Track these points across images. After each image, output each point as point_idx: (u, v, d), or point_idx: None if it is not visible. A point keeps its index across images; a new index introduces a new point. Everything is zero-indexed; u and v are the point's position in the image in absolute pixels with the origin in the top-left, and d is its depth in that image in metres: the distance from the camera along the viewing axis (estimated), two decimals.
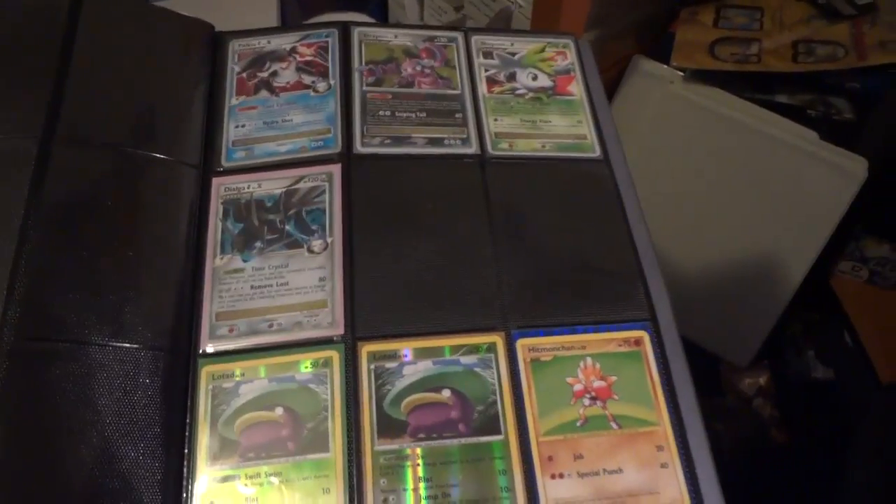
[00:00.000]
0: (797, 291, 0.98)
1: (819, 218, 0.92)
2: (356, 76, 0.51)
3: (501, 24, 0.95)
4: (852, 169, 0.87)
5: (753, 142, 0.92)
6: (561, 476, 0.38)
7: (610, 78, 1.00)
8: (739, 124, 0.92)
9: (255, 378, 0.39)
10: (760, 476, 0.97)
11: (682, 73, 0.96)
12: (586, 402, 0.40)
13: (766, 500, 0.93)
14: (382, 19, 1.15)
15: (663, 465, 0.39)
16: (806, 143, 0.89)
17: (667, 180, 0.99)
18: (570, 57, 0.55)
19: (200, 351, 0.40)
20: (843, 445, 0.84)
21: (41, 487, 0.33)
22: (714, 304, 1.03)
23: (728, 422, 0.99)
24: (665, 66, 0.97)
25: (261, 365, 0.40)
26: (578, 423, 0.39)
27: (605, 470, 0.38)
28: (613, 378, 0.41)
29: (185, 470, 0.37)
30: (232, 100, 0.49)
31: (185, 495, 0.36)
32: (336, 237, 0.44)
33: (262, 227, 0.44)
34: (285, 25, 0.84)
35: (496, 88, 0.52)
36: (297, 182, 0.46)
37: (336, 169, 0.46)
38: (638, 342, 0.42)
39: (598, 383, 0.40)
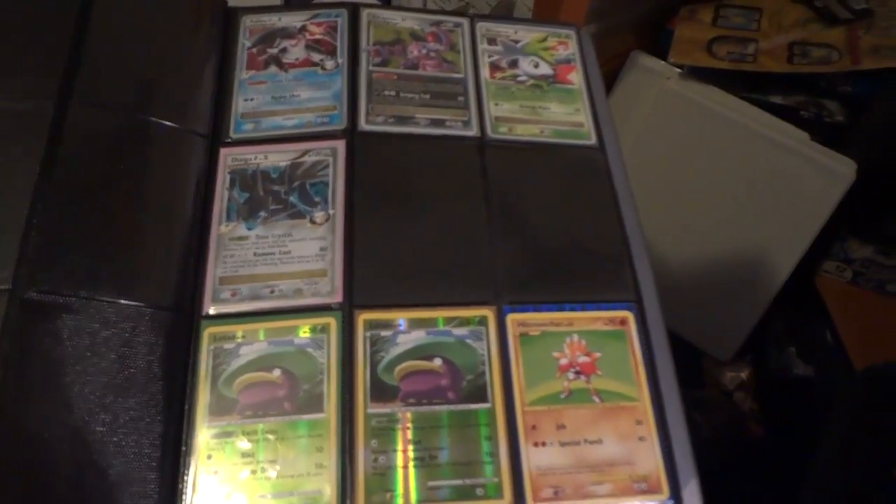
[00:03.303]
0: (782, 289, 1.00)
1: (806, 217, 0.94)
2: (363, 56, 0.52)
3: (503, 14, 0.96)
4: (841, 170, 0.89)
5: (745, 140, 0.94)
6: (543, 444, 0.40)
7: (608, 72, 1.02)
8: (733, 122, 0.94)
9: (254, 340, 0.41)
10: (736, 466, 1.00)
11: (679, 70, 0.97)
12: (571, 375, 0.42)
13: (741, 489, 0.96)
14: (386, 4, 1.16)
15: (641, 439, 0.41)
16: (797, 143, 0.91)
17: (659, 174, 1.01)
18: (572, 47, 0.57)
19: (203, 313, 0.42)
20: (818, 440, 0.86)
21: (45, 427, 0.35)
22: (699, 299, 1.05)
23: (708, 413, 1.02)
24: (663, 62, 0.98)
25: (261, 328, 0.41)
26: (562, 396, 0.41)
27: (585, 440, 0.40)
28: (598, 354, 0.43)
29: (184, 424, 0.39)
30: (242, 74, 0.50)
31: (184, 448, 0.38)
32: (338, 210, 0.45)
33: (266, 197, 0.46)
34: (289, 4, 0.85)
35: (498, 74, 0.53)
36: (303, 155, 0.47)
37: (340, 144, 0.48)
38: (623, 322, 0.44)
39: (583, 359, 0.42)
